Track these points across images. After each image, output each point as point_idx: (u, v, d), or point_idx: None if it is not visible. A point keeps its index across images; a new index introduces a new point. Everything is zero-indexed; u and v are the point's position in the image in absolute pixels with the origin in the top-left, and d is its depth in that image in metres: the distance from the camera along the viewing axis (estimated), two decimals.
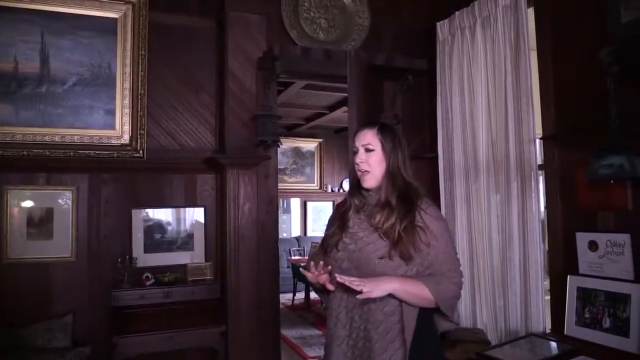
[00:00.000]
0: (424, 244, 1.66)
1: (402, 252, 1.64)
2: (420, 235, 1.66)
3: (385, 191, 1.74)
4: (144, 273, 3.15)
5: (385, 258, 1.64)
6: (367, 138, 1.78)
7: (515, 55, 2.75)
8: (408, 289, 1.60)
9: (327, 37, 3.57)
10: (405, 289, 1.60)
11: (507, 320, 2.79)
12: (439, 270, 1.67)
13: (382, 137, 1.77)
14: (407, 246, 1.64)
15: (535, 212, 2.64)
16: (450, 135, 3.26)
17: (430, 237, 1.66)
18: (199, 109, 3.47)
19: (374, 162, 1.75)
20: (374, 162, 1.75)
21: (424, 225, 1.67)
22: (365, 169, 1.75)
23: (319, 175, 9.45)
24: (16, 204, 3.00)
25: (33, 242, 3.01)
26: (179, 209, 3.43)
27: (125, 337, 2.84)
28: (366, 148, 1.77)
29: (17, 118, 3.00)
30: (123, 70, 3.24)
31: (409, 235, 1.65)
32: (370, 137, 1.77)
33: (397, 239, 1.64)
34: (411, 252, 1.64)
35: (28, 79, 3.02)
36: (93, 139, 3.16)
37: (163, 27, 3.37)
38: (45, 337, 2.80)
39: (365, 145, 1.77)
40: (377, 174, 1.75)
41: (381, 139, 1.76)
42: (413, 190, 1.74)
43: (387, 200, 1.72)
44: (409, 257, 1.64)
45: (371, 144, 1.76)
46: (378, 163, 1.75)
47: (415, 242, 1.65)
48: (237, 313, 3.12)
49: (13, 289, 2.93)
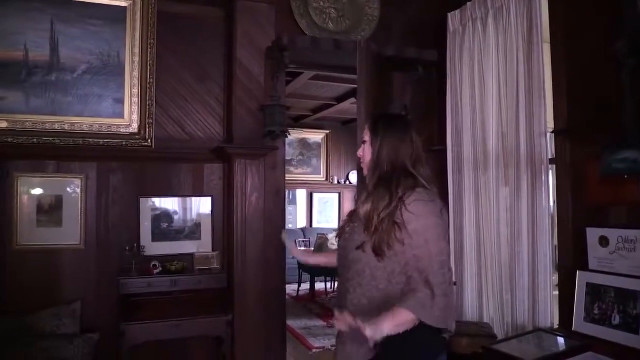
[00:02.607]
0: (398, 241, 1.58)
1: (374, 246, 1.60)
2: (396, 232, 1.58)
3: (368, 179, 1.78)
4: (152, 262, 3.16)
5: (360, 249, 1.65)
6: (364, 131, 1.86)
7: (528, 47, 2.71)
8: (399, 323, 1.50)
9: (337, 27, 3.54)
10: (397, 325, 1.50)
11: (514, 314, 2.78)
12: (416, 271, 1.57)
13: (372, 128, 1.81)
14: (381, 242, 1.59)
15: (545, 206, 2.62)
16: (460, 127, 3.23)
17: (405, 236, 1.58)
18: (207, 98, 3.46)
19: (367, 153, 1.81)
20: (367, 153, 1.81)
21: (402, 222, 1.58)
22: (362, 160, 1.84)
23: (326, 166, 9.44)
24: (26, 191, 3.02)
25: (43, 229, 3.04)
26: (186, 199, 3.44)
27: (132, 325, 2.86)
28: (363, 140, 1.84)
29: (28, 106, 3.00)
30: (132, 59, 3.23)
31: (384, 230, 1.59)
32: (365, 129, 1.85)
33: (373, 231, 1.61)
34: (384, 248, 1.59)
35: (38, 67, 3.02)
36: (102, 127, 3.16)
37: (172, 16, 3.35)
38: (54, 323, 2.82)
39: (363, 137, 1.85)
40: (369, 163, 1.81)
41: (371, 130, 1.81)
42: (396, 180, 1.65)
43: (368, 186, 1.75)
44: (381, 253, 1.60)
45: (365, 136, 1.83)
46: (369, 154, 1.80)
47: (389, 239, 1.58)
48: (244, 302, 3.13)
49: (23, 275, 2.95)
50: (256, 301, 3.18)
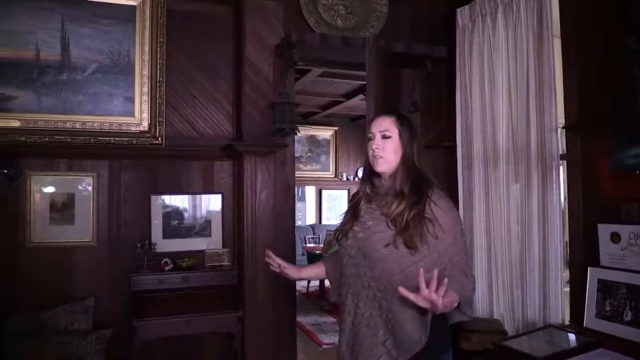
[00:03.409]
0: (431, 235, 1.64)
1: (407, 241, 1.63)
2: (429, 226, 1.64)
3: (400, 181, 1.74)
4: (163, 258, 3.19)
5: (390, 246, 1.65)
6: (384, 124, 1.78)
7: (538, 42, 2.69)
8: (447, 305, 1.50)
9: (345, 24, 3.53)
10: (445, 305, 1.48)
11: (524, 311, 2.76)
12: (450, 263, 1.65)
13: (400, 125, 1.77)
14: (414, 235, 1.63)
15: (556, 202, 2.60)
16: (470, 123, 3.21)
17: (438, 230, 1.65)
18: (216, 96, 3.48)
19: (390, 149, 1.76)
20: (389, 149, 1.76)
21: (433, 217, 1.65)
22: (379, 154, 1.76)
23: (334, 163, 9.45)
24: (39, 189, 3.06)
25: (55, 226, 3.07)
26: (196, 196, 3.46)
27: (144, 321, 2.88)
28: (383, 135, 1.77)
29: (40, 105, 3.04)
30: (142, 58, 3.25)
31: (416, 224, 1.64)
32: (388, 123, 1.78)
33: (404, 227, 1.64)
34: (417, 242, 1.63)
35: (49, 66, 3.05)
36: (113, 125, 3.19)
37: (181, 14, 3.36)
38: (67, 319, 2.86)
39: (383, 131, 1.77)
40: (391, 160, 1.76)
41: (399, 127, 1.77)
42: (425, 182, 1.74)
43: (401, 189, 1.72)
44: (415, 247, 1.63)
45: (389, 130, 1.76)
46: (393, 151, 1.76)
47: (422, 233, 1.63)
48: (254, 299, 3.15)
49: (36, 272, 2.99)
50: (266, 297, 3.19)
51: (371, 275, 1.70)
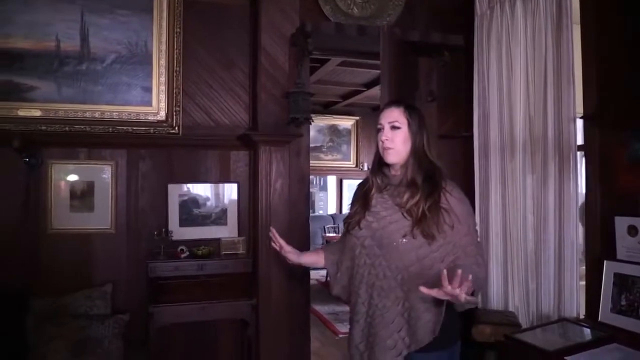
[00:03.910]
0: (447, 225, 1.66)
1: (425, 231, 1.64)
2: (445, 216, 1.66)
3: (411, 171, 1.74)
4: (179, 246, 3.25)
5: (408, 236, 1.65)
6: (393, 115, 1.77)
7: (557, 29, 2.62)
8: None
9: (362, 13, 3.50)
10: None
11: (539, 303, 2.73)
12: (464, 252, 1.66)
13: (409, 115, 1.77)
14: (431, 225, 1.64)
15: (573, 194, 2.55)
16: (487, 113, 3.16)
17: (454, 219, 1.67)
18: (232, 86, 3.50)
19: (399, 140, 1.76)
20: (399, 140, 1.75)
21: (449, 207, 1.67)
22: (389, 146, 1.75)
23: (355, 153, 9.42)
24: (59, 177, 3.14)
25: (76, 214, 3.16)
26: (213, 185, 3.50)
27: (160, 307, 2.95)
28: (392, 125, 1.76)
29: (60, 95, 3.12)
30: (159, 48, 3.29)
31: (432, 214, 1.65)
32: (397, 114, 1.77)
33: (421, 217, 1.64)
34: (434, 232, 1.64)
35: (69, 57, 3.12)
36: (131, 115, 3.24)
37: (197, 4, 3.38)
38: (86, 304, 2.95)
39: (392, 122, 1.76)
40: (400, 151, 1.76)
41: (408, 117, 1.77)
42: (438, 172, 1.75)
43: (414, 179, 1.72)
44: (432, 236, 1.64)
45: (398, 121, 1.76)
46: (403, 141, 1.76)
47: (439, 223, 1.65)
48: (268, 287, 3.19)
49: (57, 258, 3.09)
50: (280, 286, 3.22)
51: (387, 265, 1.71)
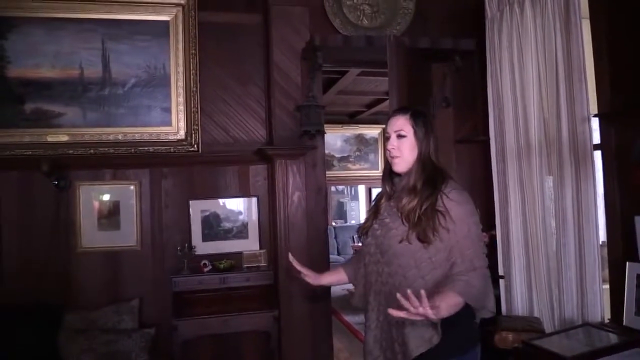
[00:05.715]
0: (443, 228, 1.64)
1: (420, 235, 1.64)
2: (440, 219, 1.64)
3: (414, 177, 1.74)
4: (202, 260, 3.33)
5: (404, 241, 1.66)
6: (399, 124, 1.78)
7: (565, 26, 2.56)
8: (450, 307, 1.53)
9: (372, 23, 3.53)
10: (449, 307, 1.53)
11: (562, 309, 2.65)
12: (460, 256, 1.63)
13: (414, 123, 1.77)
14: (426, 229, 1.63)
15: (591, 194, 2.48)
16: (502, 116, 3.11)
17: (449, 222, 1.64)
18: (248, 102, 3.59)
19: (406, 149, 1.76)
20: (405, 148, 1.76)
21: (445, 209, 1.65)
22: (396, 154, 1.76)
23: (383, 161, 9.37)
24: (87, 198, 3.30)
25: (103, 232, 3.30)
26: (233, 199, 3.58)
27: (184, 320, 3.04)
28: (398, 134, 1.77)
29: (85, 119, 3.28)
30: (176, 70, 3.42)
31: (427, 217, 1.64)
32: (402, 123, 1.78)
33: (416, 221, 1.64)
34: (429, 235, 1.63)
35: (92, 83, 3.29)
36: (152, 135, 3.38)
37: (212, 25, 3.49)
38: (115, 319, 3.06)
39: (398, 131, 1.77)
40: (408, 159, 1.76)
41: (413, 125, 1.77)
42: (440, 175, 1.74)
43: (414, 184, 1.73)
44: (428, 240, 1.64)
45: (403, 130, 1.76)
46: (410, 149, 1.76)
47: (434, 226, 1.63)
48: (289, 298, 3.23)
49: (87, 275, 3.23)
50: (301, 297, 3.25)
51: (388, 271, 1.72)
